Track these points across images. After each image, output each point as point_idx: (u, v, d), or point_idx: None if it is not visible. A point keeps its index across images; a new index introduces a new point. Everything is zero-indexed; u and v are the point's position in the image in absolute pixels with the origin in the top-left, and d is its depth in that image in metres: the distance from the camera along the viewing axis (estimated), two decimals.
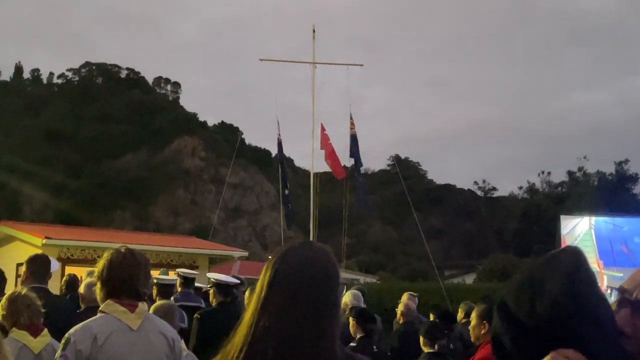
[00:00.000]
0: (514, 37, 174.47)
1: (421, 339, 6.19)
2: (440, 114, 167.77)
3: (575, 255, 1.47)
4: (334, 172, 17.02)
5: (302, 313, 1.64)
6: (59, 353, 3.01)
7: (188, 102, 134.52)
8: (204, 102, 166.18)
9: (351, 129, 17.06)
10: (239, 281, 7.91)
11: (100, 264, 3.22)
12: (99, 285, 3.21)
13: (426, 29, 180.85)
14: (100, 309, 3.17)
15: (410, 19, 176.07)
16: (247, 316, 1.72)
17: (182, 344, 4.19)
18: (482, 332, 5.01)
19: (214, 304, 6.85)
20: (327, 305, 1.69)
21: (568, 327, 1.37)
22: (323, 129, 16.94)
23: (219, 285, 6.74)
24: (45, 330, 4.01)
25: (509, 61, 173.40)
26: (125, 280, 3.14)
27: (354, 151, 17.00)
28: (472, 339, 5.47)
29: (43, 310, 4.07)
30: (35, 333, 3.93)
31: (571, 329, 1.37)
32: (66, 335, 3.02)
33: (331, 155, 16.79)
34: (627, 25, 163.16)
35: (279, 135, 17.33)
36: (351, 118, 17.09)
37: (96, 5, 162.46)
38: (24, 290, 4.23)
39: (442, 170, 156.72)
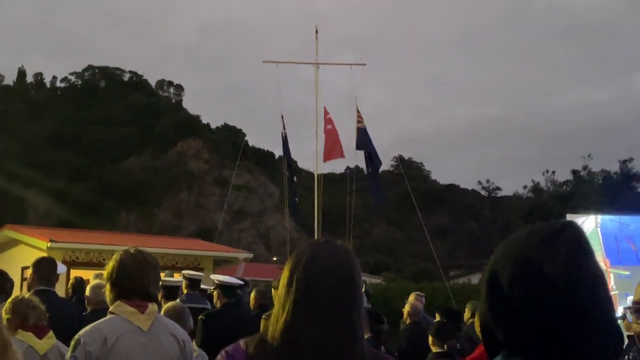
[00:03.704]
0: (512, 35, 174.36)
1: (430, 338, 6.16)
2: (441, 113, 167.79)
3: (578, 237, 1.31)
4: (331, 150, 16.43)
5: (334, 314, 1.66)
6: (69, 354, 3.00)
7: (191, 104, 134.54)
8: (206, 105, 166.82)
9: (359, 122, 16.65)
10: (242, 282, 7.90)
11: (110, 265, 3.20)
12: (108, 286, 3.19)
13: (426, 28, 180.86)
14: (110, 310, 3.15)
15: (409, 18, 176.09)
16: (278, 312, 1.72)
17: (193, 343, 4.17)
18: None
19: (218, 305, 6.83)
20: (354, 305, 1.70)
21: (565, 316, 1.24)
22: (327, 113, 16.62)
23: (223, 287, 6.72)
24: (51, 332, 4.00)
25: (508, 59, 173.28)
26: (135, 281, 3.12)
27: (367, 144, 16.50)
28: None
29: (47, 314, 4.06)
30: (40, 334, 3.92)
31: (569, 318, 1.24)
32: (76, 336, 3.01)
33: (332, 133, 16.39)
34: (625, 22, 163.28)
35: (284, 128, 16.99)
36: (358, 111, 16.74)
37: (96, 8, 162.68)
38: (27, 294, 4.24)
39: (445, 170, 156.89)
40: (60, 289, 7.27)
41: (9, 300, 4.10)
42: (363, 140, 16.43)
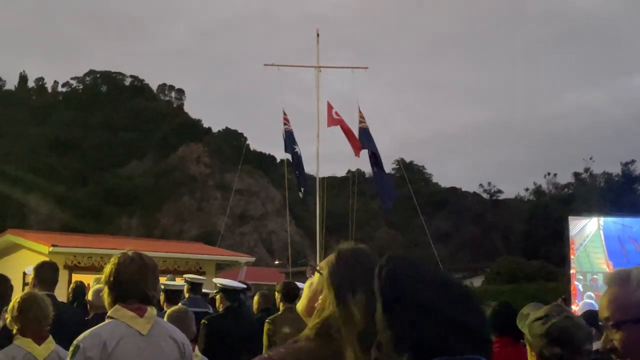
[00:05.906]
0: (512, 39, 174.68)
1: None
2: (442, 116, 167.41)
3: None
4: (352, 146, 16.28)
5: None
6: None
7: (192, 108, 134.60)
8: (208, 109, 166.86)
9: (360, 122, 16.53)
10: (245, 286, 7.87)
11: (108, 268, 3.14)
12: (106, 289, 3.13)
13: (425, 32, 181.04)
14: (108, 314, 3.11)
15: (409, 22, 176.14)
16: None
17: (196, 349, 4.11)
18: None
19: (220, 309, 6.79)
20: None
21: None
22: (330, 107, 16.41)
23: (226, 291, 6.68)
24: (50, 337, 3.93)
25: (509, 62, 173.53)
26: (134, 284, 3.07)
27: (370, 143, 16.36)
28: None
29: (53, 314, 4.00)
30: (40, 340, 3.86)
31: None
32: (75, 342, 2.97)
33: (348, 132, 16.29)
34: (622, 24, 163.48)
35: (287, 123, 16.64)
36: (360, 111, 16.58)
37: (97, 13, 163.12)
38: (41, 293, 4.16)
39: (446, 173, 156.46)
40: (62, 293, 7.24)
41: (17, 300, 3.99)
42: (366, 139, 16.36)
